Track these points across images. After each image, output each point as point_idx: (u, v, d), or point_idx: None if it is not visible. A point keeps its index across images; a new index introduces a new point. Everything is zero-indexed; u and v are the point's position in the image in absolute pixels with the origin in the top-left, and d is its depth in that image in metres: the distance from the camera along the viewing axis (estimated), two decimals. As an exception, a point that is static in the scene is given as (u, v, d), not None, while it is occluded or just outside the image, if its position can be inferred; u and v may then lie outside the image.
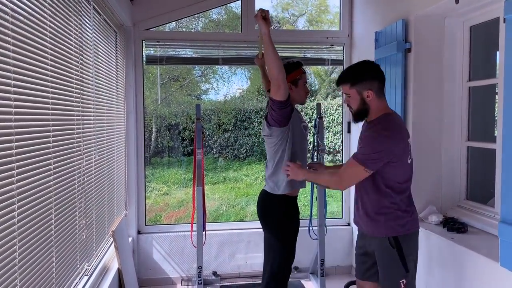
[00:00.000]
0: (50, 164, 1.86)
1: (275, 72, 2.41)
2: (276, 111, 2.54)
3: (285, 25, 12.44)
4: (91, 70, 2.52)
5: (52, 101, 1.91)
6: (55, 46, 1.95)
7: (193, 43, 3.99)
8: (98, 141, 2.69)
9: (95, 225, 2.60)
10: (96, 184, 2.62)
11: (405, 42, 3.04)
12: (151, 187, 9.43)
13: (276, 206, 2.71)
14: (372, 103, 2.22)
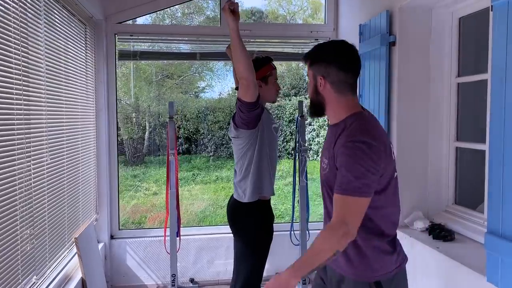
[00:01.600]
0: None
1: (244, 72, 2.20)
2: (245, 113, 2.33)
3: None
4: (42, 65, 2.31)
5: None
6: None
7: (168, 37, 3.77)
8: (52, 142, 2.47)
9: (49, 234, 2.39)
10: (50, 189, 2.41)
11: (389, 35, 2.83)
12: (141, 186, 9.23)
13: (246, 214, 2.50)
14: (327, 95, 1.63)
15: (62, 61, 2.70)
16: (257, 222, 2.50)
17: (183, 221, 7.19)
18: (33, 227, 2.13)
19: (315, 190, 8.51)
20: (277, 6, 13.82)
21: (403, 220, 2.81)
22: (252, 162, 2.46)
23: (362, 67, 3.22)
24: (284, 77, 12.52)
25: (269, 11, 13.63)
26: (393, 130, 2.83)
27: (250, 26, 3.84)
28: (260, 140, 2.46)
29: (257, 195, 2.49)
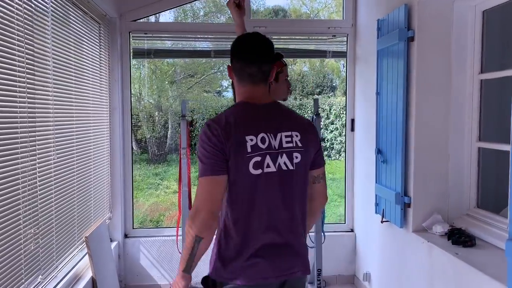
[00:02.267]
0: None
1: None
2: None
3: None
4: (49, 63, 2.29)
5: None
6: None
7: (183, 34, 3.73)
8: (60, 141, 2.45)
9: (56, 233, 2.37)
10: (57, 188, 2.39)
11: (408, 30, 2.70)
12: (162, 184, 9.27)
13: None
14: (234, 83, 1.70)
15: (72, 58, 2.68)
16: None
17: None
18: (37, 227, 2.11)
19: (335, 190, 8.37)
20: (300, 5, 13.68)
21: (421, 223, 2.69)
22: None
23: (380, 64, 3.12)
24: (307, 75, 12.41)
25: (291, 9, 13.50)
26: (411, 129, 2.70)
27: (266, 23, 3.77)
28: None
29: None
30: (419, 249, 2.60)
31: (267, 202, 1.54)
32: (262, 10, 13.27)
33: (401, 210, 2.77)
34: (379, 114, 3.13)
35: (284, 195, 1.57)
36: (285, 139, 1.57)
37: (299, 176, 1.60)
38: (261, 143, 1.53)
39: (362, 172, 3.65)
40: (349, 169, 3.90)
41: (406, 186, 2.77)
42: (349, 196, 3.94)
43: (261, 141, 1.53)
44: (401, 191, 2.77)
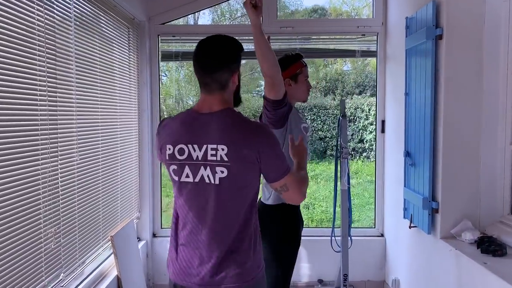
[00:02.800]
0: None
1: (269, 69, 2.09)
2: (270, 111, 2.23)
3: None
4: (72, 66, 2.36)
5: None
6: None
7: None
8: (84, 142, 2.52)
9: (79, 232, 2.44)
10: (80, 189, 2.46)
11: (436, 28, 2.58)
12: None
13: (270, 218, 2.40)
14: None
15: (98, 61, 2.75)
16: (282, 227, 2.40)
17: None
18: (58, 226, 2.17)
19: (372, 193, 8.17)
20: (341, 3, 13.47)
21: (450, 230, 2.56)
22: None
23: (408, 63, 3.01)
24: (350, 74, 12.20)
25: (331, 8, 13.32)
26: (439, 131, 2.58)
27: (292, 23, 3.73)
28: (288, 140, 2.35)
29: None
30: (447, 257, 2.48)
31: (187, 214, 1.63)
32: (301, 10, 13.20)
33: (428, 216, 2.66)
34: (407, 115, 3.02)
35: (199, 206, 1.58)
36: (210, 152, 1.53)
37: (225, 191, 1.55)
38: (178, 154, 1.56)
39: (393, 175, 3.54)
40: (380, 171, 3.79)
41: (434, 190, 2.65)
42: (379, 200, 3.82)
43: (179, 152, 1.56)
44: (429, 196, 2.65)
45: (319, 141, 10.75)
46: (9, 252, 1.79)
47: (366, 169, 9.77)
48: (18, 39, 1.84)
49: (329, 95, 11.69)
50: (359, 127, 10.54)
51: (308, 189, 1.77)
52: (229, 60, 1.60)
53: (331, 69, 12.55)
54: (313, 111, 10.84)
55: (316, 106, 10.89)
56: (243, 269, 1.58)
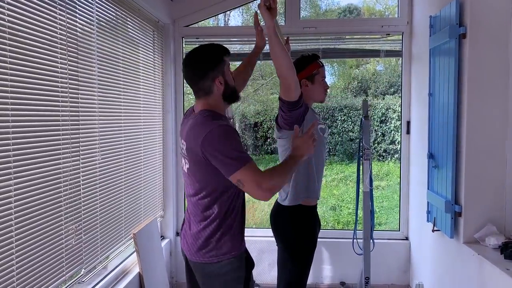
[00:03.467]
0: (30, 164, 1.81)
1: (284, 71, 2.10)
2: (286, 113, 2.24)
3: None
4: (94, 67, 2.44)
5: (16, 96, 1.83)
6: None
7: (233, 38, 3.78)
8: (106, 142, 2.60)
9: (100, 229, 2.51)
10: (102, 187, 2.53)
11: (460, 26, 2.51)
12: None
13: (287, 219, 2.41)
14: None
15: (121, 62, 2.83)
16: (298, 228, 2.39)
17: (255, 221, 7.21)
18: (79, 223, 2.25)
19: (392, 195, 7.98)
20: (374, 2, 13.25)
21: (473, 234, 2.49)
22: None
23: (432, 63, 2.94)
24: (381, 74, 11.97)
25: (365, 7, 13.13)
26: (462, 132, 2.51)
27: (315, 23, 3.70)
28: None
29: (300, 199, 2.38)
30: (470, 262, 2.41)
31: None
32: (335, 9, 13.06)
33: (451, 219, 2.59)
34: (431, 116, 2.95)
35: (187, 191, 1.92)
36: (182, 145, 1.87)
37: (191, 179, 1.85)
38: (181, 146, 1.90)
39: (418, 178, 3.46)
40: (404, 174, 3.71)
41: (457, 193, 2.58)
42: (403, 203, 3.75)
43: (181, 144, 1.89)
44: (452, 199, 2.59)
45: (349, 142, 10.61)
46: (31, 247, 1.88)
47: (397, 171, 9.54)
48: (41, 43, 1.92)
49: (360, 96, 11.54)
50: (391, 128, 10.34)
51: (336, 191, 1.82)
52: (207, 69, 1.81)
53: (363, 69, 12.36)
54: (343, 111, 10.71)
55: (347, 106, 10.75)
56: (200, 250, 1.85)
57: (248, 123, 10.94)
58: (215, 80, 1.81)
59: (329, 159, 10.68)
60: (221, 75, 1.83)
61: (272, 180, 1.72)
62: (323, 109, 10.56)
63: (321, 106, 10.72)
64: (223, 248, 1.82)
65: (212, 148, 1.70)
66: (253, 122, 10.97)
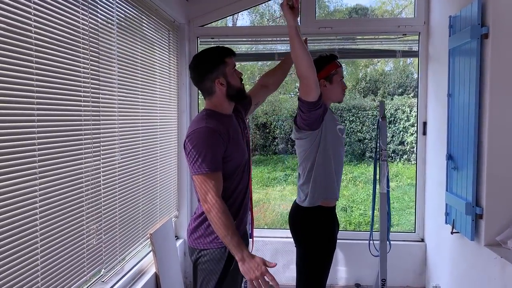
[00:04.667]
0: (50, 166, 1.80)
1: (305, 71, 2.10)
2: (306, 113, 2.22)
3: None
4: (114, 67, 2.43)
5: (42, 97, 1.83)
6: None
7: (248, 38, 3.77)
8: (125, 142, 2.60)
9: (120, 229, 2.51)
10: (121, 188, 2.53)
11: (482, 27, 2.49)
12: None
13: (306, 220, 2.39)
14: None
15: (139, 63, 2.83)
16: (317, 229, 2.38)
17: (266, 221, 7.22)
18: (100, 223, 2.25)
19: (411, 196, 7.94)
20: (383, 2, 13.20)
21: (495, 237, 2.46)
22: (314, 165, 2.35)
23: (451, 63, 2.91)
24: (391, 74, 11.92)
25: (374, 7, 13.08)
26: (484, 133, 2.48)
27: (331, 23, 3.68)
28: (323, 141, 2.34)
29: (320, 200, 2.37)
30: (491, 265, 2.38)
31: None
32: (342, 9, 13.02)
33: (472, 221, 2.56)
34: (450, 117, 2.92)
35: None
36: None
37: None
38: None
39: (435, 179, 3.43)
40: (421, 175, 3.68)
41: (478, 195, 2.55)
42: (419, 204, 3.72)
43: None
44: (472, 201, 2.56)
45: (358, 142, 10.57)
46: (55, 247, 1.88)
47: (407, 172, 9.53)
48: (64, 42, 1.92)
49: (369, 96, 11.48)
50: (400, 128, 10.29)
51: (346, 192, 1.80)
52: (206, 72, 1.91)
53: (372, 70, 12.32)
54: (351, 112, 10.66)
55: (355, 107, 10.70)
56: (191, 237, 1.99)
57: (256, 123, 10.93)
58: (215, 81, 1.91)
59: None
60: (222, 76, 1.91)
61: (210, 212, 1.79)
62: (332, 109, 10.51)
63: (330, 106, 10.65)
64: (209, 237, 1.91)
65: (191, 144, 1.82)
66: (262, 122, 10.96)
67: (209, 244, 1.92)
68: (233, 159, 1.93)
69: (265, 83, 2.44)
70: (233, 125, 2.00)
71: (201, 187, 1.80)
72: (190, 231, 1.99)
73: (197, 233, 1.95)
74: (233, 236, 1.76)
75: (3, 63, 1.54)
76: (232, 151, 1.92)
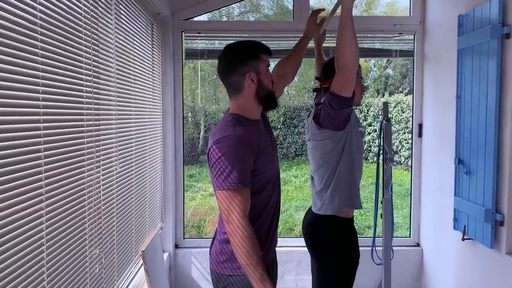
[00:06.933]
0: (41, 187, 1.45)
1: (349, 61, 1.89)
2: (336, 110, 1.99)
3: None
4: (112, 66, 2.10)
5: (47, 104, 1.48)
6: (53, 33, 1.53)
7: (237, 33, 3.50)
8: (122, 150, 2.26)
9: (117, 251, 2.18)
10: (119, 203, 2.20)
11: (503, 26, 2.39)
12: (197, 187, 9.12)
13: (328, 231, 2.19)
14: None
15: (131, 62, 2.49)
16: (341, 241, 2.18)
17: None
18: (101, 247, 1.92)
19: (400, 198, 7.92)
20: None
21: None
22: (337, 170, 2.14)
23: (461, 64, 2.82)
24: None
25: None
26: (505, 137, 2.39)
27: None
28: (349, 143, 2.14)
29: (343, 208, 2.17)
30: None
31: None
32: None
33: (491, 229, 2.47)
34: (460, 119, 2.83)
35: None
36: None
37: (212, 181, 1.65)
38: None
39: (435, 183, 3.34)
40: (416, 178, 3.60)
41: (498, 201, 2.46)
42: (415, 208, 3.63)
43: None
44: (492, 207, 2.47)
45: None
46: (61, 276, 1.54)
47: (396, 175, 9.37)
48: (68, 32, 1.58)
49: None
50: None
51: None
52: (237, 63, 1.65)
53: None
54: (310, 111, 10.62)
55: (313, 106, 10.66)
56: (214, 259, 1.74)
57: (214, 121, 10.65)
58: (246, 75, 1.64)
59: (296, 159, 10.59)
60: (254, 72, 1.65)
61: (233, 235, 1.54)
62: (290, 109, 10.44)
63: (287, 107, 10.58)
64: (237, 261, 1.59)
65: (217, 154, 1.56)
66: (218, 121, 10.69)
67: (239, 270, 1.64)
68: (263, 172, 1.66)
69: (283, 71, 2.21)
70: (262, 132, 1.75)
71: (225, 205, 1.54)
72: (214, 254, 1.72)
73: (223, 256, 1.68)
74: (257, 267, 1.51)
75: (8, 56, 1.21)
76: (263, 163, 1.66)
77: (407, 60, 9.54)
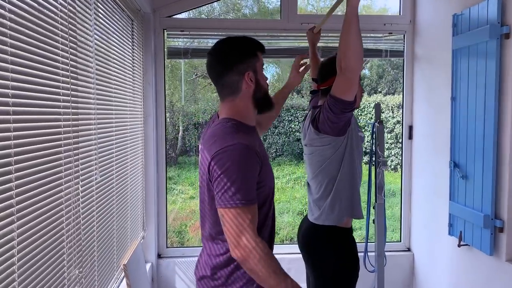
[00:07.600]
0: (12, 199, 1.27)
1: (353, 63, 1.77)
2: (337, 114, 1.87)
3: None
4: (92, 66, 1.91)
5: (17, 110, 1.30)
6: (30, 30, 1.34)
7: (223, 32, 3.33)
8: (102, 157, 2.08)
9: (98, 269, 1.99)
10: (99, 214, 2.02)
11: (502, 26, 2.31)
12: (177, 189, 8.90)
13: (327, 241, 2.07)
14: None
15: (111, 62, 2.31)
16: (341, 252, 2.06)
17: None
18: (81, 265, 1.73)
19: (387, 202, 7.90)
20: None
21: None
22: (337, 177, 2.02)
23: (456, 65, 2.73)
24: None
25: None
26: (505, 140, 2.31)
27: (315, 19, 3.37)
28: (349, 149, 2.02)
29: (344, 218, 2.05)
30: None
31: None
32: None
33: (490, 235, 2.39)
34: (455, 122, 2.74)
35: (201, 208, 1.55)
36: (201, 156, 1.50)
37: (203, 195, 1.51)
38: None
39: (425, 186, 3.26)
40: (406, 182, 3.51)
41: (497, 207, 2.38)
42: (405, 212, 3.55)
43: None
44: (491, 213, 2.38)
45: (296, 142, 10.47)
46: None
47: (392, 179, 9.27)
48: (43, 28, 1.39)
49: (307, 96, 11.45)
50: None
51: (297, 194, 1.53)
52: (235, 61, 1.48)
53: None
54: (290, 111, 10.54)
55: (293, 107, 10.61)
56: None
57: (194, 122, 10.44)
58: (245, 74, 1.47)
59: (277, 160, 10.48)
60: (251, 71, 1.49)
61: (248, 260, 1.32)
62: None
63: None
64: (234, 285, 1.44)
65: (221, 167, 1.35)
66: (198, 121, 10.49)
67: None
68: (265, 185, 1.48)
69: (259, 119, 1.94)
70: (259, 140, 1.59)
71: (233, 226, 1.33)
72: (206, 276, 1.49)
73: (216, 282, 1.46)
74: (286, 278, 1.34)
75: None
76: (265, 175, 1.48)
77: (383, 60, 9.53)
